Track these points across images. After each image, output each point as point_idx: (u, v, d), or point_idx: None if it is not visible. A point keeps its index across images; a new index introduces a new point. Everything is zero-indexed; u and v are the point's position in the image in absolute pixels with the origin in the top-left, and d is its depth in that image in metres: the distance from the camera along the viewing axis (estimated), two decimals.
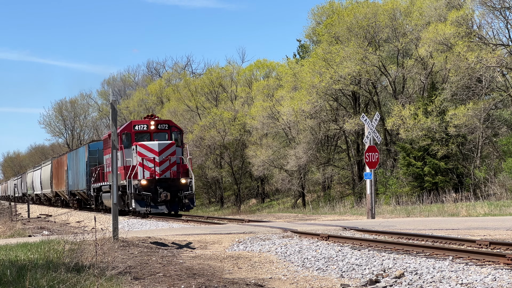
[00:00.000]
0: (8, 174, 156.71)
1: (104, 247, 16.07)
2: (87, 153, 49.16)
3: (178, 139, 36.98)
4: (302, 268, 14.37)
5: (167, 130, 36.96)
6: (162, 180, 34.94)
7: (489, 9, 42.93)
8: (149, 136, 36.52)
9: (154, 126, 36.57)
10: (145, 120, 37.21)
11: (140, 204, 34.36)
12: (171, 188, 34.93)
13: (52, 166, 67.52)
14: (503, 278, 10.86)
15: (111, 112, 20.11)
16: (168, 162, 35.18)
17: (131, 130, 36.62)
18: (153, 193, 34.54)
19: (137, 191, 34.36)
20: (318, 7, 56.93)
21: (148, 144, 35.35)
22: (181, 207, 35.06)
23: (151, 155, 35.02)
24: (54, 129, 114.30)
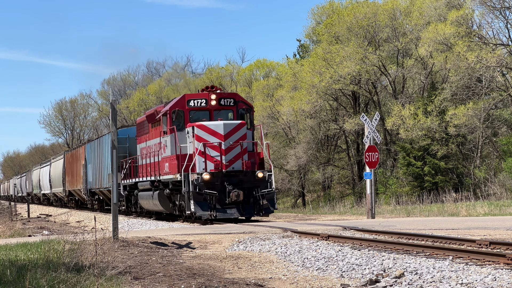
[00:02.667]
0: (8, 174, 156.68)
1: (104, 247, 16.07)
2: None
3: (247, 118, 28.89)
4: (302, 268, 14.37)
5: (233, 106, 28.78)
6: (231, 173, 27.00)
7: (489, 9, 42.95)
8: (209, 115, 28.49)
9: (215, 102, 28.39)
10: (203, 93, 28.74)
11: (201, 206, 26.52)
12: (244, 185, 27.00)
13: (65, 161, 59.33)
14: (503, 278, 10.86)
15: (111, 112, 20.11)
16: (238, 148, 27.30)
17: (184, 106, 28.43)
18: (219, 191, 26.64)
19: (197, 188, 26.44)
20: (318, 7, 56.99)
21: (210, 125, 27.31)
22: (258, 210, 27.00)
23: (215, 140, 27.04)
24: (54, 129, 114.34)
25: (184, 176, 26.74)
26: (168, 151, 28.87)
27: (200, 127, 27.27)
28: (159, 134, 30.09)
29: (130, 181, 35.97)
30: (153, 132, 31.62)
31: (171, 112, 28.41)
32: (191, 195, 26.52)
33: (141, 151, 34.22)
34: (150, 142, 32.35)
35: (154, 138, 31.45)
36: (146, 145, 33.23)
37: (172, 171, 28.02)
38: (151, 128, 32.09)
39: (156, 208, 31.47)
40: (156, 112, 30.68)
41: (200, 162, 26.97)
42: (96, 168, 46.20)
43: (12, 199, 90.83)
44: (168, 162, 28.60)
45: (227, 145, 27.07)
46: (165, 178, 29.25)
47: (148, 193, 32.03)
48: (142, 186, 33.20)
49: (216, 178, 26.73)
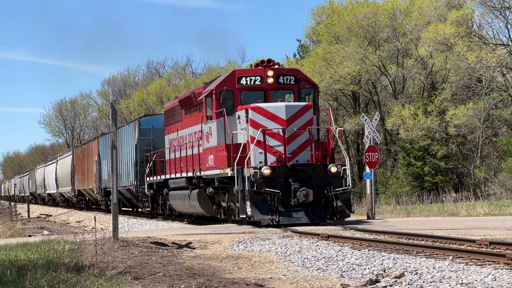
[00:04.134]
0: (8, 174, 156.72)
1: (104, 247, 16.08)
2: (137, 133, 34.99)
3: (310, 101, 23.88)
4: (302, 268, 14.37)
5: (293, 85, 23.88)
6: (297, 167, 22.13)
7: (489, 9, 42.96)
8: (263, 96, 23.57)
9: (273, 79, 23.41)
10: (257, 69, 23.72)
11: (260, 209, 21.58)
12: (313, 182, 22.11)
13: (74, 158, 54.49)
14: (503, 278, 10.86)
15: (111, 112, 20.12)
16: (303, 136, 22.55)
17: (234, 85, 23.63)
18: (282, 190, 21.75)
19: (255, 186, 21.63)
20: (318, 7, 56.94)
21: (268, 107, 22.51)
22: (331, 214, 22.16)
23: (275, 126, 22.27)
24: (54, 129, 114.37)
25: (237, 171, 21.89)
26: (213, 140, 23.93)
27: (256, 109, 22.41)
28: (200, 120, 25.44)
29: (157, 178, 31.09)
30: (189, 119, 27.33)
31: (218, 92, 23.53)
32: (247, 194, 21.37)
33: (171, 142, 29.90)
34: (185, 131, 28.01)
35: (191, 126, 27.13)
36: (177, 135, 29.02)
37: (219, 164, 23.16)
38: (185, 115, 27.97)
39: (194, 210, 26.92)
40: (193, 95, 26.16)
41: (256, 154, 22.13)
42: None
43: (12, 199, 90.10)
44: (214, 154, 23.75)
45: (291, 133, 22.18)
46: (208, 174, 24.46)
47: (183, 193, 27.47)
48: (174, 184, 28.54)
49: (279, 174, 21.85)
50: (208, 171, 24.57)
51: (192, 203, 26.36)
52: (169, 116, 30.53)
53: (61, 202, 63.18)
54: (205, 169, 24.87)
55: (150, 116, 36.46)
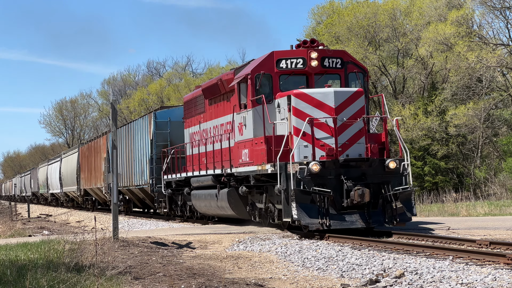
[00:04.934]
0: (9, 174, 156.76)
1: (104, 247, 16.09)
2: (153, 126, 31.89)
3: (360, 86, 20.95)
4: (302, 268, 14.37)
5: (340, 69, 21.13)
6: (350, 163, 19.23)
7: (489, 9, 42.96)
8: (306, 81, 20.85)
9: (317, 62, 20.61)
10: (299, 50, 20.88)
11: (308, 211, 18.56)
12: (368, 179, 19.21)
13: (80, 155, 51.32)
14: (503, 278, 10.86)
15: (111, 112, 20.13)
16: (355, 127, 19.71)
17: (272, 69, 20.83)
18: (333, 189, 18.81)
19: (302, 185, 18.76)
20: (318, 7, 56.92)
21: (314, 93, 19.63)
22: (390, 217, 19.02)
23: (322, 115, 19.39)
24: (54, 129, 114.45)
25: (279, 167, 18.85)
26: (248, 132, 21.18)
27: (300, 96, 19.53)
28: (230, 110, 22.96)
29: (176, 176, 28.17)
30: (215, 109, 24.86)
31: (254, 77, 20.72)
32: (292, 194, 18.43)
33: (192, 136, 27.43)
34: (209, 124, 25.42)
35: (217, 117, 24.68)
36: (200, 128, 26.51)
37: (256, 160, 20.44)
38: (209, 106, 25.42)
39: (222, 212, 24.30)
40: (221, 82, 23.60)
41: (300, 147, 19.31)
42: (123, 161, 38.25)
43: (13, 199, 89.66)
44: (249, 148, 21.02)
45: (340, 122, 19.38)
46: (241, 171, 21.62)
47: (209, 192, 24.73)
48: (198, 183, 25.79)
49: (328, 170, 19.00)
50: (241, 168, 21.65)
51: (220, 204, 23.65)
52: (189, 107, 27.88)
53: (65, 202, 60.60)
54: (237, 165, 22.05)
55: (167, 108, 33.25)
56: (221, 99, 24.24)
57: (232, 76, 22.80)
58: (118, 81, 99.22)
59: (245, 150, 21.53)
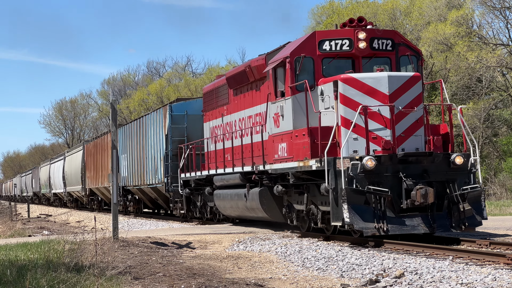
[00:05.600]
0: (9, 174, 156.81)
1: (104, 247, 16.09)
2: (168, 120, 29.59)
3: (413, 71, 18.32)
4: (302, 268, 14.38)
5: (390, 52, 18.63)
6: (409, 159, 16.75)
7: (489, 9, 42.97)
8: (351, 65, 18.41)
9: (365, 43, 18.20)
10: (344, 30, 18.47)
11: (362, 214, 16.14)
12: (431, 177, 16.77)
13: (85, 154, 49.00)
14: (503, 278, 10.87)
15: (111, 112, 20.14)
16: (412, 117, 17.24)
17: (314, 51, 18.42)
18: (390, 188, 16.44)
19: (354, 183, 16.41)
20: (318, 7, 56.96)
21: (364, 78, 17.24)
22: (457, 221, 16.63)
23: (373, 103, 17.02)
24: (54, 129, 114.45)
25: (327, 163, 16.52)
26: (286, 123, 18.81)
27: (348, 82, 17.15)
28: (261, 100, 20.90)
29: (196, 174, 25.95)
30: (241, 100, 22.73)
31: (294, 61, 18.36)
32: (344, 194, 16.09)
33: (213, 131, 25.30)
34: (234, 116, 23.28)
35: (244, 108, 22.57)
36: (223, 121, 24.37)
37: (297, 155, 18.01)
38: (234, 96, 23.26)
39: (252, 214, 21.89)
40: (249, 69, 21.48)
41: (349, 140, 16.82)
42: (133, 159, 35.70)
43: (13, 199, 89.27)
44: (287, 141, 18.68)
45: (397, 113, 16.98)
46: (278, 168, 19.20)
47: (236, 192, 22.35)
48: (222, 182, 23.49)
49: (385, 167, 16.64)
50: (276, 164, 19.28)
51: (250, 205, 21.24)
52: (209, 99, 25.60)
53: (69, 202, 58.00)
54: (272, 161, 19.65)
55: (184, 101, 30.59)
56: (249, 88, 22.12)
57: (263, 61, 20.67)
58: (118, 81, 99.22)
59: (282, 144, 19.10)
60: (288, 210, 19.82)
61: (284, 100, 18.86)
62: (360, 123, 16.86)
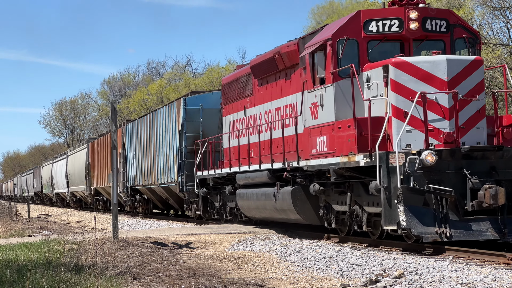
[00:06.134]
0: (9, 174, 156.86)
1: (104, 247, 16.09)
2: (182, 115, 27.88)
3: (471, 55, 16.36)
4: (302, 268, 14.37)
5: (445, 34, 16.57)
6: (474, 154, 14.88)
7: (489, 9, 42.95)
8: (401, 48, 16.51)
9: (417, 24, 16.16)
10: (393, 8, 16.48)
11: (420, 216, 14.31)
12: (500, 175, 14.88)
13: (90, 151, 47.31)
14: (503, 278, 10.86)
15: (111, 112, 20.14)
16: (474, 107, 15.44)
17: (359, 33, 16.57)
18: (453, 187, 14.60)
19: (412, 181, 14.57)
20: (318, 7, 57.06)
21: (419, 62, 15.43)
22: None
23: (430, 90, 15.19)
24: (54, 129, 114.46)
25: (379, 158, 14.66)
26: (326, 113, 16.84)
27: (400, 66, 15.34)
28: (293, 89, 19.22)
29: (215, 172, 24.03)
30: (268, 90, 20.98)
31: (336, 43, 16.44)
32: (399, 193, 14.26)
33: (234, 125, 23.48)
34: (259, 109, 21.53)
35: (272, 99, 20.80)
36: (246, 114, 22.64)
37: (340, 149, 16.02)
38: (259, 87, 21.53)
39: (282, 215, 19.85)
40: (279, 55, 19.70)
41: (402, 133, 14.92)
42: (143, 157, 33.89)
43: (13, 200, 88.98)
44: (328, 134, 16.71)
45: (457, 102, 15.08)
46: (316, 164, 17.16)
47: (263, 191, 20.39)
48: (247, 180, 21.58)
49: (446, 163, 14.74)
50: (314, 160, 17.28)
51: (280, 205, 19.32)
52: (230, 90, 23.73)
53: (72, 202, 56.03)
54: (308, 157, 17.71)
55: (199, 94, 28.66)
56: (277, 77, 20.26)
57: (294, 47, 18.87)
58: (118, 81, 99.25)
59: (322, 138, 17.10)
60: (326, 211, 17.82)
61: (324, 88, 16.91)
62: (416, 114, 14.96)
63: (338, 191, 17.13)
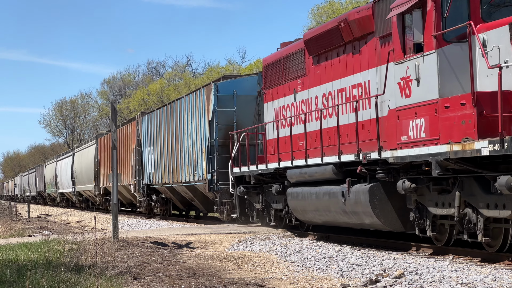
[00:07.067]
0: (8, 174, 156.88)
1: (104, 247, 16.09)
2: (213, 103, 24.70)
3: None
4: (302, 268, 14.37)
5: None
6: None
7: None
8: None
9: None
10: None
11: None
12: None
13: (99, 148, 43.72)
14: (503, 278, 10.86)
15: (111, 112, 20.14)
16: None
17: None
18: None
19: None
20: (318, 7, 57.01)
21: None
22: None
23: None
24: (54, 129, 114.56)
25: None
26: (424, 89, 13.46)
27: None
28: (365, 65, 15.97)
29: (258, 168, 20.65)
30: (329, 68, 17.55)
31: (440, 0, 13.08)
32: None
33: (279, 112, 20.36)
34: (316, 91, 18.18)
35: (334, 79, 17.36)
36: (296, 99, 19.37)
37: (447, 135, 12.72)
38: (314, 65, 18.21)
39: (354, 219, 16.20)
40: (345, 25, 16.45)
41: None
42: (162, 152, 30.79)
43: (13, 200, 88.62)
44: (427, 115, 13.35)
45: None
46: (408, 155, 13.80)
47: (327, 190, 16.81)
48: (302, 176, 18.09)
49: None
50: (405, 150, 13.88)
51: (351, 207, 15.84)
52: (274, 72, 20.64)
53: (78, 202, 53.05)
54: (395, 146, 14.35)
55: (233, 79, 25.40)
56: (341, 51, 17.03)
57: (368, 12, 15.69)
58: (118, 81, 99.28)
59: (417, 121, 13.74)
60: (419, 215, 14.24)
61: (422, 56, 13.51)
62: None
63: (438, 189, 13.59)
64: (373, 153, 14.93)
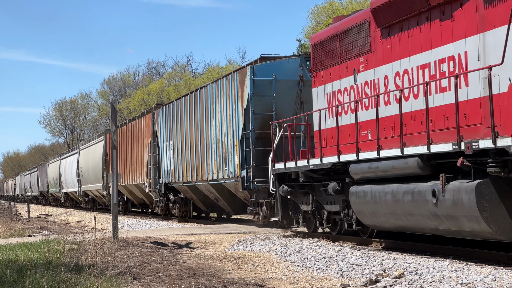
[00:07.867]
0: (8, 174, 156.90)
1: (104, 247, 16.10)
2: (248, 88, 22.00)
3: None
4: (302, 268, 14.37)
5: None
6: None
7: None
8: None
9: None
10: None
11: None
12: None
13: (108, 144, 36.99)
14: (503, 278, 10.86)
15: (111, 112, 20.14)
16: None
17: None
18: None
19: None
20: (318, 7, 57.03)
21: None
22: None
23: None
24: (54, 129, 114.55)
25: None
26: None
27: None
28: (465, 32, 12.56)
29: (309, 163, 17.47)
30: (405, 42, 14.41)
31: None
32: None
33: (332, 97, 17.39)
34: (386, 70, 15.10)
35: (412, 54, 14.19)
36: (356, 81, 16.31)
37: None
38: (383, 39, 15.15)
39: (450, 225, 12.84)
40: None
41: None
42: (184, 147, 27.87)
43: (13, 200, 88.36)
44: None
45: None
46: None
47: (410, 188, 13.50)
48: (372, 172, 14.90)
49: None
50: None
51: (448, 210, 12.50)
52: (326, 51, 17.61)
53: (84, 203, 50.03)
54: None
55: (271, 61, 22.39)
56: (425, 19, 13.81)
57: None
58: (118, 81, 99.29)
59: None
60: None
61: None
62: None
63: None
64: (483, 140, 11.47)
